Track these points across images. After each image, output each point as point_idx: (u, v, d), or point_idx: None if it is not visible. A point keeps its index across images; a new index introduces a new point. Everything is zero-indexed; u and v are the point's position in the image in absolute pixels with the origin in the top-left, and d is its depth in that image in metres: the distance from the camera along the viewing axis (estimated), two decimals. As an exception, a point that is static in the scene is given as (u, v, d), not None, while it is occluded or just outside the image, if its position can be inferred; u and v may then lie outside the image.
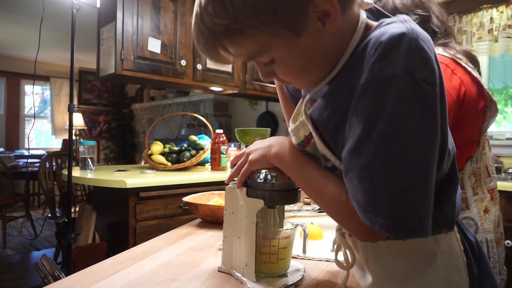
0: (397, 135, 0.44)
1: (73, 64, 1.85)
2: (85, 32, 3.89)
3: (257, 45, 0.50)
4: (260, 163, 0.65)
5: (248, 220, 0.66)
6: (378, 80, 0.45)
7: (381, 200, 0.45)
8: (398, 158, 0.44)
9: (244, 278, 0.67)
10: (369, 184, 0.45)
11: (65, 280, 0.66)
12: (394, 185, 0.44)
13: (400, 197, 0.44)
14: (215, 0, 0.48)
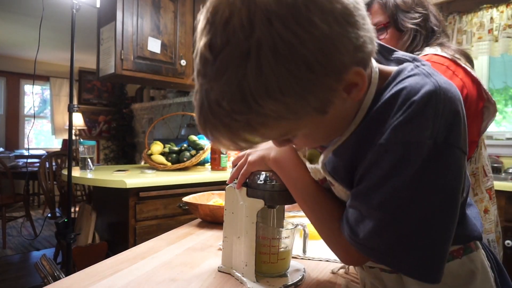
0: (415, 204, 0.44)
1: (73, 64, 1.85)
2: (85, 32, 3.89)
3: (281, 130, 0.46)
4: (259, 164, 0.66)
5: (248, 220, 0.66)
6: (402, 143, 0.44)
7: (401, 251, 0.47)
8: (415, 228, 0.45)
9: (244, 278, 0.67)
10: (378, 240, 0.47)
11: (65, 280, 0.66)
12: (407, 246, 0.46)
13: (418, 254, 0.45)
14: (231, 95, 0.39)
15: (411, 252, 0.46)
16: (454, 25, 2.65)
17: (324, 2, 0.38)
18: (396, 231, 0.46)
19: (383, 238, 0.47)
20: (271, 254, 0.69)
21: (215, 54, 0.39)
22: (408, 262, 0.46)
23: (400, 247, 0.46)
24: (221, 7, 0.38)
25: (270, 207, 0.73)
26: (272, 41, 0.37)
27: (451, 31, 2.65)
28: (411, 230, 0.45)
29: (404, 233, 0.45)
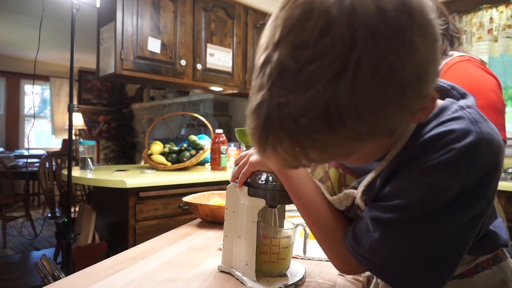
0: (424, 237, 0.46)
1: (72, 64, 1.85)
2: (85, 32, 3.88)
3: (347, 151, 0.42)
4: (260, 165, 0.66)
5: (249, 219, 0.66)
6: (429, 184, 0.44)
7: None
8: (417, 256, 0.46)
9: (244, 278, 0.67)
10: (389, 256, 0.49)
11: (65, 280, 0.66)
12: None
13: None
14: (315, 112, 0.36)
15: (407, 275, 0.47)
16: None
17: (424, 24, 0.37)
18: (396, 253, 0.47)
19: (383, 253, 0.48)
20: (271, 253, 0.69)
21: (301, 65, 0.35)
22: (402, 282, 0.48)
23: (398, 267, 0.47)
24: (314, 14, 0.35)
25: (271, 207, 0.73)
26: (374, 60, 0.34)
27: (451, 31, 2.65)
28: (413, 257, 0.46)
29: (405, 256, 0.47)
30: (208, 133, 4.29)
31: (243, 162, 0.69)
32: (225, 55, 2.73)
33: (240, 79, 2.87)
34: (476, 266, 0.56)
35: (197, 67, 2.54)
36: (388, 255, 0.48)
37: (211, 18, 2.64)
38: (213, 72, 2.66)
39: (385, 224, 0.48)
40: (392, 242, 0.47)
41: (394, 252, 0.48)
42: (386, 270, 0.48)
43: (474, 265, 0.56)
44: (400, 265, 0.47)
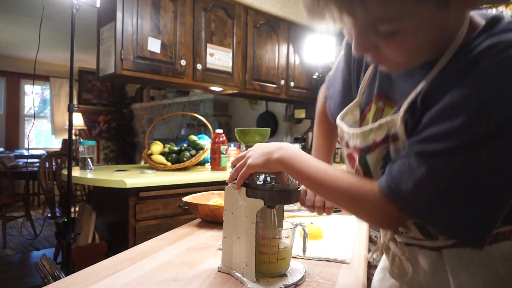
0: (476, 164, 0.42)
1: (72, 64, 1.85)
2: (85, 32, 3.88)
3: (393, 9, 0.42)
4: (260, 167, 0.65)
5: (248, 220, 0.66)
6: (485, 100, 0.41)
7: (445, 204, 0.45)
8: (468, 186, 0.43)
9: (244, 278, 0.67)
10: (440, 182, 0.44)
11: (65, 280, 0.66)
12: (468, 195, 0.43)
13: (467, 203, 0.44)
14: None
15: (457, 208, 0.43)
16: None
17: None
18: (446, 183, 0.43)
19: (430, 192, 0.44)
20: (271, 254, 0.69)
21: None
22: (450, 218, 0.44)
23: (447, 201, 0.43)
24: None
25: (270, 207, 0.73)
26: None
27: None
28: (464, 194, 0.42)
29: (455, 187, 0.43)
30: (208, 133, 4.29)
31: (241, 164, 0.69)
32: (225, 55, 2.73)
33: (240, 79, 2.87)
34: (496, 235, 0.52)
35: (197, 67, 2.54)
36: (435, 193, 0.44)
37: (211, 18, 2.64)
38: (213, 72, 2.66)
39: (434, 156, 0.44)
40: (441, 177, 0.43)
41: (443, 189, 0.43)
42: (433, 211, 0.45)
43: (495, 233, 0.52)
44: (449, 204, 0.43)
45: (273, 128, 4.09)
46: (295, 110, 3.77)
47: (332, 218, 1.24)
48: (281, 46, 3.18)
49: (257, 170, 0.66)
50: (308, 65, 3.37)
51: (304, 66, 3.37)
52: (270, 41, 3.09)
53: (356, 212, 0.56)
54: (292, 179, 0.68)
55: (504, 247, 0.52)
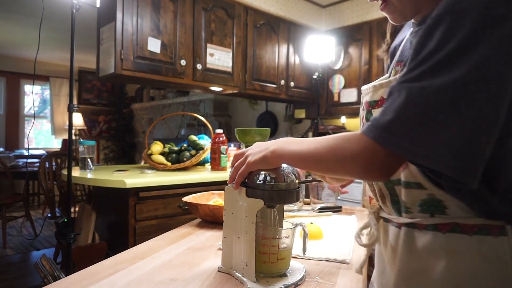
0: (455, 75, 0.42)
1: (72, 64, 1.85)
2: (85, 32, 3.88)
3: None
4: (260, 165, 0.65)
5: (248, 220, 0.66)
6: (453, 11, 0.43)
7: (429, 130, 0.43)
8: (448, 103, 0.42)
9: (244, 278, 0.67)
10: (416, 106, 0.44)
11: (65, 280, 0.66)
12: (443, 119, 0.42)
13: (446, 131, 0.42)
14: None
15: (438, 135, 0.42)
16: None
17: None
18: (424, 106, 0.43)
19: (410, 112, 0.43)
20: (271, 254, 0.69)
21: None
22: (432, 147, 0.42)
23: (427, 126, 0.43)
24: None
25: (269, 207, 0.73)
26: None
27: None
28: (442, 110, 0.42)
29: (433, 111, 0.42)
30: (208, 133, 4.30)
31: (240, 162, 0.69)
32: (225, 55, 2.73)
33: (240, 79, 2.87)
34: (482, 227, 0.51)
35: (197, 67, 2.54)
36: (415, 118, 0.43)
37: (211, 18, 2.64)
38: (213, 72, 2.66)
39: (412, 81, 0.44)
40: (420, 101, 0.43)
41: (422, 112, 0.43)
42: (414, 141, 0.43)
43: (480, 224, 0.51)
44: (429, 130, 0.42)
45: (273, 128, 4.10)
46: (295, 110, 3.77)
47: (332, 218, 1.24)
48: (281, 46, 3.18)
49: (257, 167, 0.66)
50: (308, 65, 3.37)
51: (304, 66, 3.37)
52: (270, 41, 3.09)
53: (340, 163, 0.54)
54: (292, 179, 0.68)
55: (454, 239, 0.52)
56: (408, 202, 0.57)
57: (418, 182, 0.55)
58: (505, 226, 0.51)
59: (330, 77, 3.40)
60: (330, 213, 1.29)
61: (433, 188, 0.53)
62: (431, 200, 0.54)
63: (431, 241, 0.54)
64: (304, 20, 3.36)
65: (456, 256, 0.52)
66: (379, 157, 0.48)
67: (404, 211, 0.59)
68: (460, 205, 0.53)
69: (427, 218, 0.55)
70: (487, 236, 0.51)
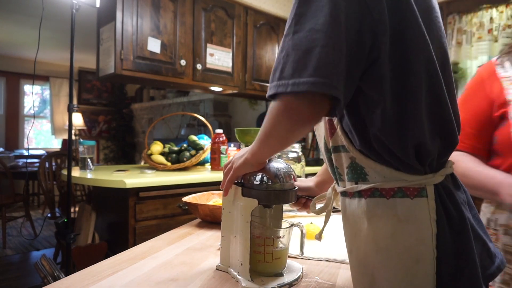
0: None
1: (72, 64, 1.85)
2: (85, 32, 3.89)
3: None
4: (244, 168, 0.68)
5: (243, 219, 0.67)
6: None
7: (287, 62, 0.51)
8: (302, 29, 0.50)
9: (239, 277, 0.67)
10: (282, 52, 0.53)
11: (65, 280, 0.66)
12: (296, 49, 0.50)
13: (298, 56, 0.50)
14: None
15: (302, 57, 0.49)
16: (454, 25, 2.65)
17: None
18: (288, 44, 0.51)
19: (282, 52, 0.52)
20: (265, 253, 0.69)
21: None
22: (299, 70, 0.49)
23: (294, 53, 0.50)
24: None
25: (266, 207, 0.73)
26: None
27: (451, 31, 2.65)
28: (300, 36, 0.50)
29: (294, 42, 0.50)
30: (208, 133, 4.30)
31: (228, 168, 0.71)
32: (225, 55, 2.73)
33: (240, 79, 2.87)
34: (398, 190, 0.55)
35: (197, 67, 2.54)
36: (284, 60, 0.51)
37: (211, 18, 2.64)
38: (213, 72, 2.66)
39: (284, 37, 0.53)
40: (287, 46, 0.51)
41: (287, 52, 0.51)
42: (290, 79, 0.50)
43: (396, 187, 0.55)
44: (293, 63, 0.50)
45: (273, 128, 4.08)
46: (295, 110, 3.77)
47: (332, 218, 1.23)
48: (281, 46, 3.18)
49: (242, 172, 0.68)
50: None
51: (304, 66, 3.36)
52: (270, 41, 3.09)
53: (281, 129, 0.58)
54: (287, 179, 0.68)
55: (400, 204, 0.54)
56: (339, 167, 0.62)
57: (342, 145, 0.59)
58: (425, 188, 0.54)
59: (330, 77, 3.40)
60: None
61: (353, 149, 0.58)
62: (354, 167, 0.58)
63: (356, 206, 0.58)
64: (304, 20, 3.36)
65: (376, 218, 0.55)
66: (284, 103, 0.54)
67: (338, 178, 0.63)
68: (378, 170, 0.56)
69: (353, 186, 0.59)
70: (404, 199, 0.54)
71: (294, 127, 0.56)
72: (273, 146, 0.62)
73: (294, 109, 0.53)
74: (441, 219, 0.53)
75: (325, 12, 0.49)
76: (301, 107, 0.52)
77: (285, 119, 0.55)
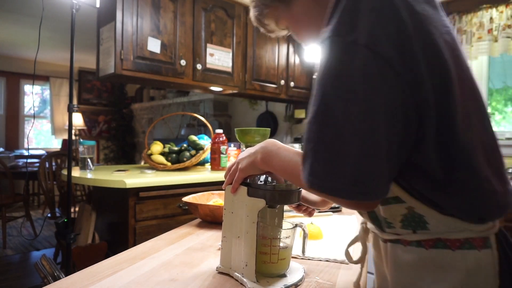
0: (328, 107, 0.45)
1: (72, 64, 1.85)
2: (85, 32, 3.88)
3: (273, 19, 0.71)
4: (250, 170, 0.67)
5: (249, 219, 0.66)
6: (325, 39, 0.46)
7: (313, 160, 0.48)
8: (329, 139, 0.45)
9: (244, 279, 0.67)
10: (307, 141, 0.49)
11: (65, 280, 0.66)
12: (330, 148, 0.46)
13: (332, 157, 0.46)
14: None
15: (329, 165, 0.45)
16: (453, 25, 2.64)
17: None
18: (313, 140, 0.47)
19: (309, 143, 0.48)
20: (271, 254, 0.68)
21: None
22: (334, 177, 0.45)
23: (318, 157, 0.46)
24: None
25: (270, 207, 0.73)
26: None
27: (451, 31, 2.65)
28: (325, 141, 0.45)
29: (320, 145, 0.46)
30: (208, 133, 4.30)
31: (234, 169, 0.70)
32: (225, 55, 2.73)
33: (240, 79, 2.87)
34: (464, 241, 0.51)
35: (197, 67, 2.54)
36: (314, 156, 0.47)
37: (211, 18, 2.64)
38: (213, 72, 2.66)
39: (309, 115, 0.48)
40: (312, 137, 0.47)
41: (310, 145, 0.47)
42: (318, 177, 0.46)
43: (463, 238, 0.51)
44: (318, 153, 0.46)
45: (273, 128, 4.09)
46: (295, 110, 3.77)
47: (332, 218, 1.24)
48: (281, 46, 3.18)
49: (248, 173, 0.68)
50: (308, 65, 3.37)
51: (304, 66, 3.37)
52: (270, 41, 3.09)
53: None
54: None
55: (469, 257, 0.50)
56: (388, 218, 0.57)
57: (395, 196, 0.54)
58: (489, 238, 0.51)
59: (330, 77, 3.40)
60: (330, 213, 1.29)
61: (411, 200, 0.53)
62: (411, 216, 0.54)
63: (416, 257, 0.54)
64: (304, 20, 3.35)
65: (441, 271, 0.51)
66: (311, 190, 0.51)
67: (386, 226, 0.59)
68: (441, 220, 0.52)
69: (410, 234, 0.55)
70: (471, 250, 0.51)
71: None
72: (284, 175, 0.63)
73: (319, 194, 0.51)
74: (505, 271, 0.50)
75: (359, 102, 0.43)
76: (338, 201, 0.50)
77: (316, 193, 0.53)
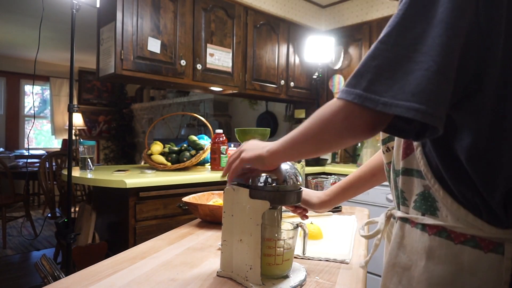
0: (405, 24, 0.46)
1: (72, 64, 1.85)
2: (85, 32, 3.88)
3: None
4: (253, 161, 0.65)
5: (253, 222, 0.65)
6: None
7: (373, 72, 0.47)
8: (404, 49, 0.45)
9: (249, 282, 0.65)
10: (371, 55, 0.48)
11: (65, 280, 0.66)
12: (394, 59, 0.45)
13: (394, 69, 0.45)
14: None
15: (400, 79, 0.44)
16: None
17: None
18: (383, 53, 0.46)
19: (372, 62, 0.46)
20: (276, 255, 0.68)
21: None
22: (397, 92, 0.44)
23: (388, 73, 0.45)
24: None
25: (272, 208, 0.73)
26: None
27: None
28: (400, 53, 0.45)
29: (392, 57, 0.45)
30: (208, 133, 4.30)
31: (234, 157, 0.68)
32: (225, 55, 2.73)
33: (240, 79, 2.87)
34: (470, 238, 0.49)
35: (197, 67, 2.54)
36: (375, 71, 0.46)
37: (211, 18, 2.64)
38: (213, 72, 2.66)
39: (377, 42, 0.47)
40: (375, 51, 0.47)
41: (381, 63, 0.46)
42: (375, 92, 0.45)
43: (469, 235, 0.49)
44: (387, 77, 0.45)
45: (273, 128, 4.09)
46: (295, 110, 3.77)
47: (332, 218, 1.24)
48: (281, 46, 3.18)
49: (249, 163, 0.65)
50: (308, 65, 3.37)
51: (304, 66, 3.37)
52: (270, 41, 3.09)
53: (327, 129, 0.53)
54: (294, 180, 0.68)
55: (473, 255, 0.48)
56: (405, 191, 0.57)
57: (419, 170, 0.54)
58: (503, 244, 0.47)
59: (330, 77, 3.40)
60: (330, 213, 1.29)
61: (431, 178, 0.52)
62: (425, 197, 0.53)
63: (417, 240, 0.54)
64: (304, 20, 3.35)
65: (436, 260, 0.51)
66: (355, 113, 0.48)
67: (401, 203, 0.59)
68: (452, 210, 0.51)
69: (418, 216, 0.54)
70: (475, 249, 0.48)
71: (340, 132, 0.51)
72: (303, 150, 0.58)
73: (360, 123, 0.48)
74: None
75: (438, 31, 0.43)
76: (373, 124, 0.48)
77: (343, 128, 0.50)
